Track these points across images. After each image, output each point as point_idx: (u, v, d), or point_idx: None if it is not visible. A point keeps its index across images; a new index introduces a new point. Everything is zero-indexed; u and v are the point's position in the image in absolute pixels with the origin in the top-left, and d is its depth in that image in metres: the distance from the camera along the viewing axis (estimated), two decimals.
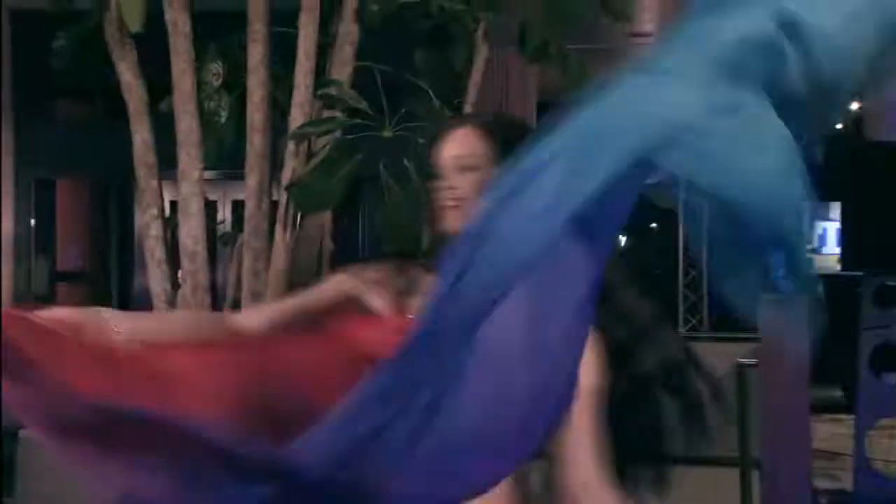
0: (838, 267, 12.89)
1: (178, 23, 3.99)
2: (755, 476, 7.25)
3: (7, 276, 9.88)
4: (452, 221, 2.44)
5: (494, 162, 2.41)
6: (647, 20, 9.56)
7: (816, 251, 13.40)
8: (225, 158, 4.14)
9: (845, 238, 8.46)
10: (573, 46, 4.20)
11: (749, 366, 7.33)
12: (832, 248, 12.89)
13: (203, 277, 3.98)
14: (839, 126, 14.51)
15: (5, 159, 9.44)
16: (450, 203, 2.44)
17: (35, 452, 3.92)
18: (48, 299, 10.21)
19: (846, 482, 7.97)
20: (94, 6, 4.09)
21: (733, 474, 7.33)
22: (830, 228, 13.08)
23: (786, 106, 2.08)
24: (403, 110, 3.87)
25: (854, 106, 14.32)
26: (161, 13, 3.98)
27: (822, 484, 7.71)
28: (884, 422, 7.85)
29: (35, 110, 9.27)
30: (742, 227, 1.99)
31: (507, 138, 2.42)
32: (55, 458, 3.80)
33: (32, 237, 10.07)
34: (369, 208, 3.58)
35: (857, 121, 13.78)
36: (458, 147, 2.47)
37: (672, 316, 13.92)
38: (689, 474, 7.67)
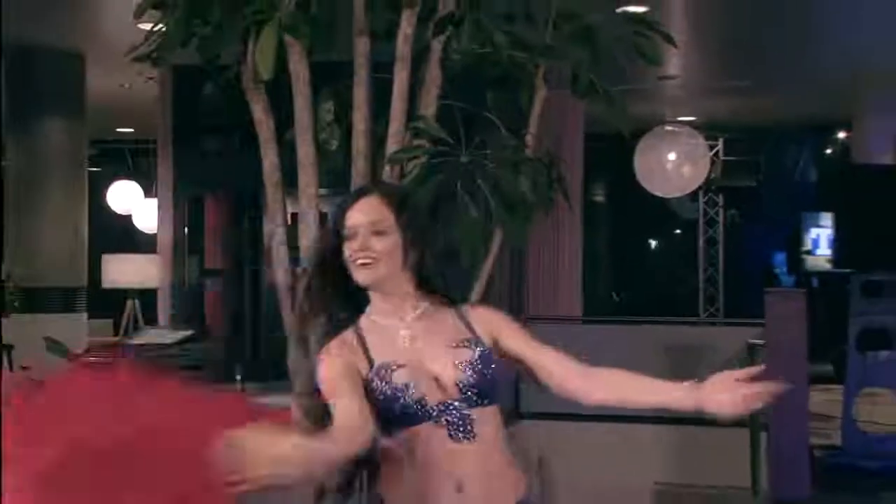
0: (828, 266, 12.73)
1: (299, 72, 4.00)
2: (763, 436, 7.19)
3: (168, 270, 10.01)
4: (365, 277, 2.42)
5: (399, 227, 2.42)
6: (672, 65, 9.47)
7: (811, 253, 13.20)
8: (335, 178, 4.14)
9: (837, 242, 8.37)
10: (614, 87, 4.14)
11: (758, 345, 7.27)
12: (824, 250, 12.70)
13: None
14: (830, 151, 14.27)
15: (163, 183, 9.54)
16: (364, 261, 2.40)
17: None
18: (198, 290, 10.32)
19: (836, 439, 7.90)
20: (235, 60, 4.08)
21: (744, 434, 7.25)
22: (823, 234, 12.86)
23: None
24: (477, 140, 3.84)
25: (842, 135, 14.16)
26: (286, 64, 3.99)
27: (817, 441, 7.65)
28: (867, 391, 7.81)
29: (188, 143, 9.35)
30: None
31: (406, 207, 2.46)
32: None
33: (186, 242, 10.17)
34: (446, 219, 3.55)
35: (845, 147, 13.58)
36: (371, 213, 2.42)
37: (693, 305, 13.84)
38: (706, 434, 7.61)
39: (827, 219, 11.84)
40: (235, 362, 4.09)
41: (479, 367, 2.41)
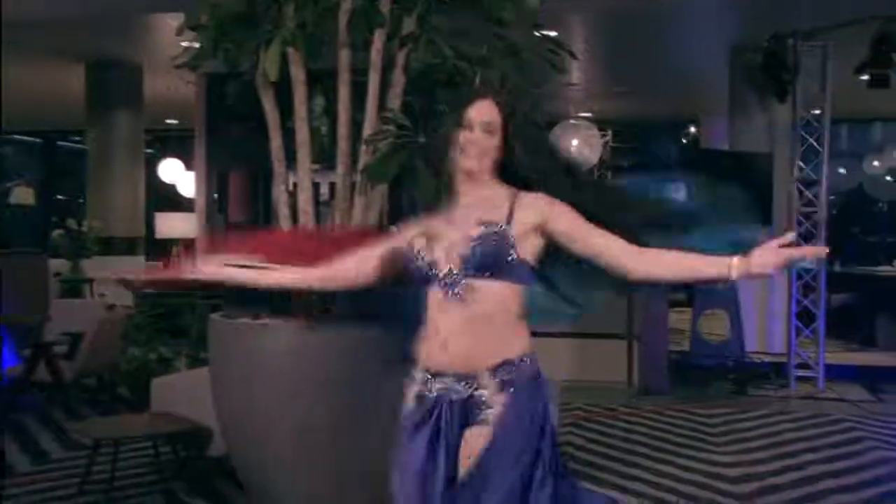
0: None
1: (297, 75, 3.87)
2: (636, 344, 7.22)
3: (200, 226, 9.81)
4: (470, 165, 2.13)
5: (502, 129, 2.16)
6: (575, 75, 9.42)
7: None
8: (324, 156, 4.01)
9: None
10: (532, 90, 4.03)
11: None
12: None
13: (312, 227, 3.86)
14: (685, 140, 14.28)
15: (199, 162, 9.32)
16: (474, 152, 2.13)
17: (222, 336, 3.71)
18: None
19: (686, 346, 7.99)
20: (250, 67, 3.93)
21: (622, 344, 7.28)
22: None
23: None
24: (431, 126, 3.71)
25: (693, 129, 14.19)
26: (288, 70, 3.85)
27: (673, 348, 7.72)
28: (707, 312, 7.89)
29: (217, 130, 9.18)
30: None
31: (511, 114, 2.17)
32: (240, 341, 3.56)
33: (215, 203, 9.97)
34: (409, 185, 3.44)
35: (695, 137, 13.65)
36: (484, 114, 2.14)
37: None
38: (593, 344, 7.61)
39: (682, 188, 11.88)
40: (250, 292, 3.95)
41: (485, 243, 2.06)
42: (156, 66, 9.39)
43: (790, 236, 1.96)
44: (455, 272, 2.08)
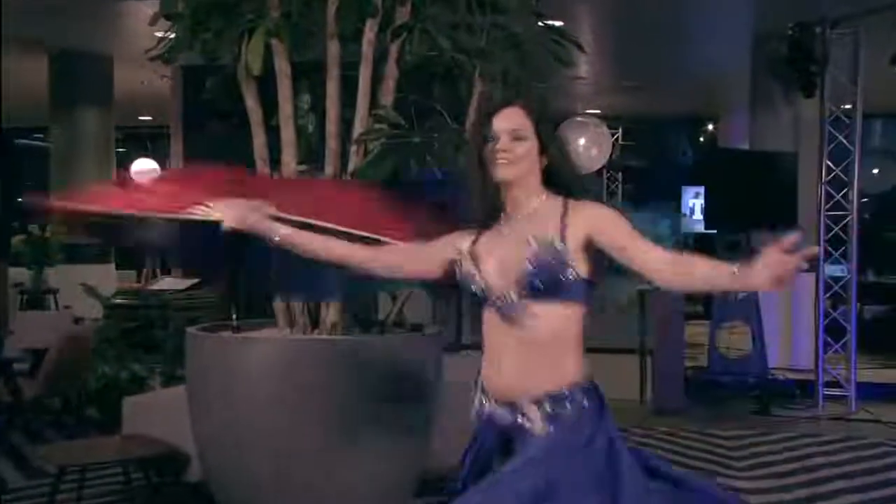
0: (701, 227, 12.90)
1: (282, 68, 3.90)
2: (648, 360, 7.26)
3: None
4: (504, 174, 2.17)
5: (535, 134, 2.20)
6: (582, 69, 9.46)
7: (689, 216, 13.28)
8: (312, 156, 4.04)
9: (707, 209, 8.45)
10: (536, 85, 4.07)
11: (646, 290, 7.31)
12: (698, 215, 12.79)
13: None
14: (702, 139, 14.36)
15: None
16: (504, 161, 2.16)
17: (200, 351, 3.74)
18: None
19: (703, 362, 8.01)
20: (231, 60, 3.95)
21: (634, 358, 7.31)
22: (697, 203, 12.94)
23: None
24: (426, 125, 3.75)
25: (711, 126, 14.27)
26: (272, 62, 3.87)
27: (689, 363, 7.76)
28: (726, 325, 7.93)
29: (194, 127, 9.21)
30: None
31: (543, 117, 2.23)
32: (219, 356, 3.58)
33: None
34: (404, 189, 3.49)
35: (713, 136, 13.72)
36: (511, 121, 2.19)
37: None
38: (602, 359, 7.64)
39: (700, 190, 11.94)
40: (232, 303, 4.00)
41: (541, 263, 2.10)
42: (127, 57, 9.43)
43: (792, 239, 1.89)
44: (511, 295, 2.13)
